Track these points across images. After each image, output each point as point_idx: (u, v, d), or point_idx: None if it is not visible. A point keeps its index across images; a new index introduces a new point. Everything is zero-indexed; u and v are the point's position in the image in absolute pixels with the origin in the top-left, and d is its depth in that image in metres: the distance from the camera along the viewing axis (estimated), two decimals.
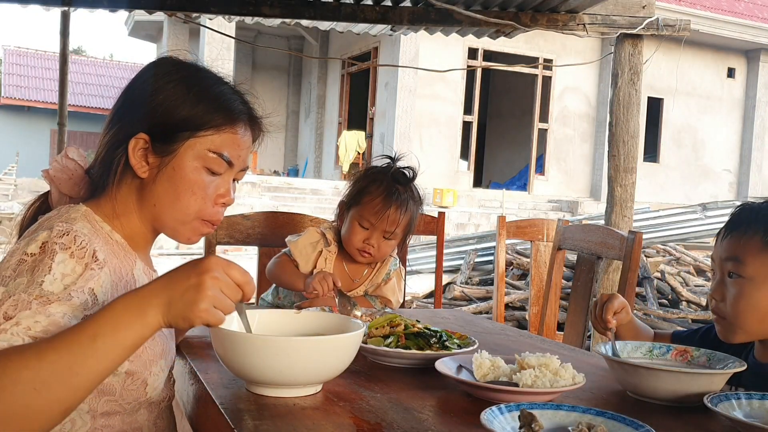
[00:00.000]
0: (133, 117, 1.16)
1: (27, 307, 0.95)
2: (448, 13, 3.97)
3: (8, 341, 0.91)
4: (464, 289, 5.96)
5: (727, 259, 1.41)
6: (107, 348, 0.91)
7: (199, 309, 0.94)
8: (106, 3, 4.34)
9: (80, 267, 1.02)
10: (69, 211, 1.13)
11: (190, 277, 0.95)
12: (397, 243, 2.02)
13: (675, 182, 15.02)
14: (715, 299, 1.42)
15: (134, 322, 0.93)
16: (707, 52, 14.80)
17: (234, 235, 2.40)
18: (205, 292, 0.94)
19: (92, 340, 0.90)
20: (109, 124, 1.20)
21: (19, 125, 22.92)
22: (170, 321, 0.95)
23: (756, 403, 1.13)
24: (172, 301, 0.94)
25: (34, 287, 0.97)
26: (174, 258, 9.26)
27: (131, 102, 1.20)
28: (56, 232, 1.03)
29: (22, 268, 0.99)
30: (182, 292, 0.95)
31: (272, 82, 17.56)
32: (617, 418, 0.99)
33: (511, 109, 16.94)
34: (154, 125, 1.15)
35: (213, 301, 0.95)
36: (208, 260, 0.97)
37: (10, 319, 0.93)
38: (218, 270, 0.96)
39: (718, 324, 1.43)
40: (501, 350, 1.51)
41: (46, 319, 0.95)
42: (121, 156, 1.16)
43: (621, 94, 3.88)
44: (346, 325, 1.27)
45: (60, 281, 0.99)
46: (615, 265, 3.66)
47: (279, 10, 3.98)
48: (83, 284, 1.02)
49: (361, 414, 1.09)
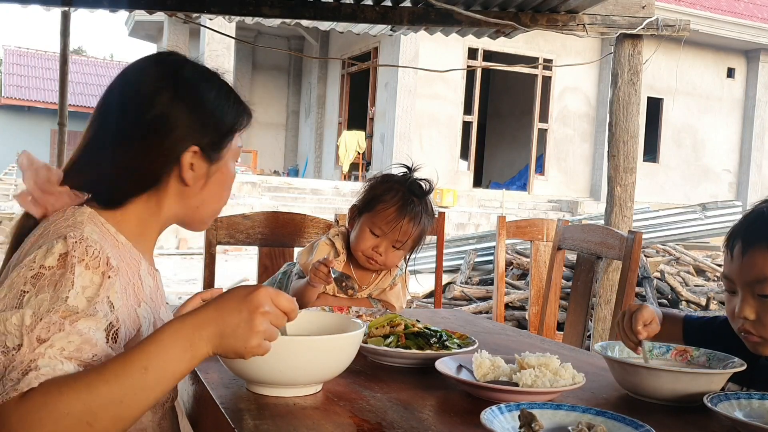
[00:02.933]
0: (175, 130, 1.12)
1: (60, 329, 0.93)
2: (448, 13, 3.97)
3: (49, 365, 0.90)
4: (464, 289, 5.96)
5: (754, 281, 1.31)
6: (158, 379, 0.92)
7: (251, 345, 0.96)
8: (106, 3, 4.34)
9: (98, 277, 1.00)
10: (75, 214, 1.09)
11: (242, 312, 0.96)
12: (405, 254, 2.01)
13: (675, 182, 15.02)
14: (746, 318, 1.33)
15: (185, 354, 0.94)
16: (707, 52, 14.80)
17: (234, 235, 2.40)
18: (258, 329, 0.96)
19: (143, 374, 0.90)
20: (133, 136, 1.12)
21: (19, 125, 22.91)
22: (220, 353, 0.97)
23: (756, 403, 1.13)
24: (223, 335, 0.95)
25: (60, 304, 0.95)
26: (174, 258, 9.27)
27: (163, 114, 1.12)
28: (71, 243, 1.00)
29: (42, 284, 0.97)
30: (234, 327, 0.95)
31: (272, 82, 17.57)
32: (617, 418, 1.00)
33: (511, 109, 16.94)
34: (206, 135, 1.15)
35: (264, 336, 0.97)
36: (257, 293, 0.97)
37: (44, 342, 0.92)
38: (269, 303, 0.97)
39: (749, 341, 1.36)
40: (501, 350, 1.51)
41: (78, 338, 0.94)
42: (161, 167, 1.12)
43: (621, 94, 3.88)
44: (346, 325, 1.27)
45: (82, 295, 0.98)
46: (615, 265, 3.66)
47: (279, 10, 3.98)
48: (104, 294, 1.00)
49: (361, 414, 1.09)
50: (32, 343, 0.91)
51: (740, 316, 1.34)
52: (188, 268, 8.57)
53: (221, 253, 8.66)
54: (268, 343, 0.99)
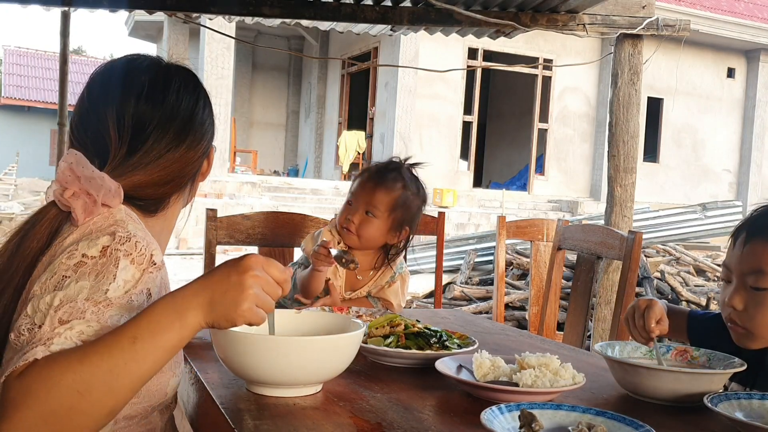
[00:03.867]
0: (204, 134, 1.23)
1: (83, 315, 0.94)
2: (448, 13, 3.97)
3: (61, 345, 0.91)
4: (464, 289, 5.96)
5: (750, 272, 1.33)
6: (147, 351, 0.91)
7: (242, 309, 0.94)
8: (106, 3, 4.34)
9: (138, 272, 1.02)
10: (112, 212, 1.09)
11: (231, 276, 0.95)
12: (384, 228, 1.95)
13: (675, 182, 15.02)
14: (733, 308, 1.35)
15: (174, 324, 0.93)
16: (707, 52, 14.80)
17: (234, 235, 2.40)
18: (248, 291, 0.94)
19: (132, 343, 0.90)
20: (168, 145, 1.16)
21: (19, 125, 22.92)
22: (212, 321, 0.95)
23: (756, 403, 1.13)
24: (213, 301, 0.94)
25: (99, 294, 0.96)
26: (174, 258, 9.27)
27: (191, 120, 1.20)
28: (118, 238, 1.02)
29: (83, 271, 0.98)
30: (223, 291, 0.94)
31: (272, 82, 17.57)
32: (617, 418, 1.00)
33: (511, 109, 16.94)
34: (212, 135, 1.26)
35: (255, 300, 0.95)
36: (248, 258, 0.97)
37: (64, 324, 0.93)
38: (258, 268, 0.96)
39: (734, 331, 1.38)
40: (501, 350, 1.51)
41: (99, 324, 0.95)
42: (191, 170, 1.22)
43: (621, 94, 3.88)
44: (346, 325, 1.27)
45: (122, 288, 0.99)
46: (615, 265, 3.66)
47: (279, 10, 3.98)
48: (142, 287, 1.02)
49: (361, 414, 1.09)
50: (53, 323, 0.93)
51: (729, 304, 1.36)
52: (188, 268, 8.57)
53: (221, 253, 8.61)
54: (261, 312, 0.97)
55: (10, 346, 0.96)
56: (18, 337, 0.94)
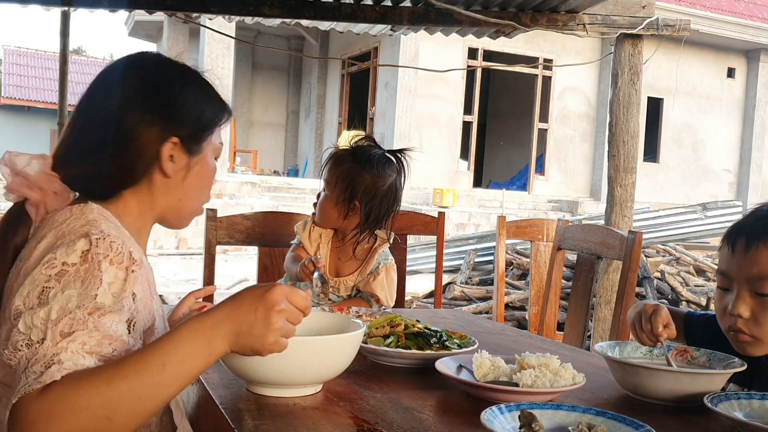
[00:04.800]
0: (157, 121, 1.17)
1: (84, 325, 0.95)
2: (448, 13, 3.97)
3: (72, 360, 0.91)
4: (464, 289, 5.96)
5: (755, 278, 1.30)
6: (175, 376, 0.93)
7: (269, 342, 0.98)
8: (106, 3, 4.34)
9: (122, 272, 1.02)
10: (84, 211, 1.10)
11: (258, 310, 0.97)
12: (333, 202, 2.05)
13: (675, 182, 15.02)
14: (740, 316, 1.32)
15: (202, 351, 0.95)
16: (707, 52, 14.80)
17: (234, 235, 2.40)
18: (274, 326, 0.97)
19: (161, 370, 0.91)
20: (111, 127, 1.17)
21: (19, 125, 22.91)
22: (237, 350, 0.98)
23: (756, 403, 1.13)
24: (239, 333, 0.96)
25: (89, 301, 0.97)
26: (174, 258, 9.27)
27: (147, 105, 1.17)
28: (94, 240, 1.02)
29: (68, 280, 0.98)
30: (249, 325, 0.97)
31: (272, 82, 17.56)
32: (617, 418, 0.99)
33: (511, 109, 16.94)
34: (184, 128, 1.19)
35: (281, 333, 0.99)
36: (273, 292, 0.99)
37: (67, 336, 0.93)
38: (284, 301, 0.99)
39: (737, 340, 1.35)
40: (501, 350, 1.51)
41: (99, 333, 0.95)
42: (147, 158, 1.16)
43: (621, 94, 3.88)
44: (346, 325, 1.27)
45: (109, 291, 1.00)
46: (615, 265, 3.66)
47: (279, 10, 3.98)
48: (130, 289, 1.02)
49: (361, 414, 1.09)
50: (55, 337, 0.93)
51: (734, 312, 1.32)
52: (188, 268, 8.57)
53: (221, 253, 8.66)
54: (285, 340, 1.00)
55: (3, 363, 0.96)
56: (14, 353, 0.94)
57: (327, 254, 2.11)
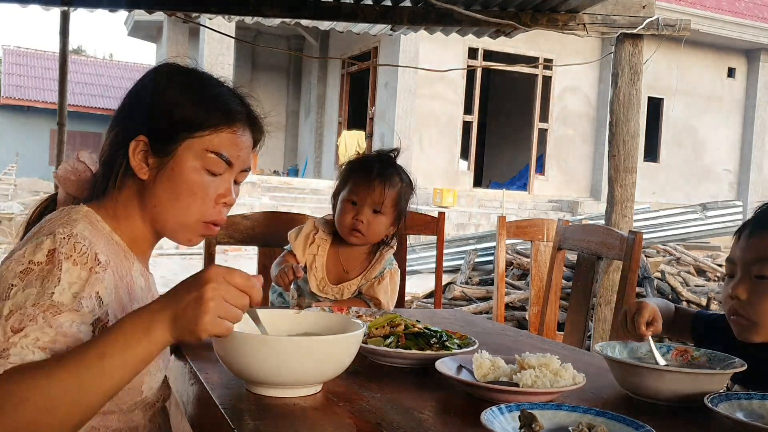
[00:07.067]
0: (133, 120, 1.18)
1: (34, 320, 0.94)
2: (448, 13, 3.97)
3: (19, 355, 0.92)
4: (464, 289, 5.96)
5: (754, 261, 1.34)
6: (115, 366, 0.91)
7: (203, 322, 0.94)
8: (106, 3, 4.34)
9: (85, 272, 1.02)
10: (70, 212, 1.12)
11: (191, 291, 0.94)
12: (389, 222, 2.01)
13: (675, 182, 15.02)
14: (737, 298, 1.36)
15: (141, 339, 0.93)
16: (707, 52, 14.79)
17: (234, 235, 2.40)
18: (207, 304, 0.93)
19: (100, 359, 0.90)
20: (112, 126, 1.21)
21: (18, 125, 22.91)
22: (177, 336, 0.95)
23: (756, 403, 1.13)
24: (176, 316, 0.94)
25: (45, 299, 0.97)
26: (174, 258, 9.27)
27: (131, 105, 1.21)
28: (59, 240, 1.02)
29: (30, 278, 0.98)
30: (184, 306, 0.94)
31: (272, 82, 17.56)
32: (617, 419, 0.99)
33: (511, 109, 16.94)
34: (152, 127, 1.16)
35: (217, 312, 0.94)
36: (207, 271, 0.96)
37: (18, 332, 0.93)
38: (218, 279, 0.95)
39: (736, 324, 1.39)
40: (501, 350, 1.51)
41: (53, 330, 0.95)
42: (122, 158, 1.16)
43: (621, 94, 3.88)
44: (346, 325, 1.27)
45: (68, 290, 0.99)
46: (615, 265, 3.66)
47: (279, 9, 3.98)
48: (90, 290, 1.02)
49: (361, 414, 1.08)
50: (6, 333, 0.93)
51: (732, 294, 1.36)
52: (188, 268, 8.57)
53: (221, 253, 8.66)
54: (227, 323, 0.96)
55: None
56: None
57: (323, 266, 2.04)
